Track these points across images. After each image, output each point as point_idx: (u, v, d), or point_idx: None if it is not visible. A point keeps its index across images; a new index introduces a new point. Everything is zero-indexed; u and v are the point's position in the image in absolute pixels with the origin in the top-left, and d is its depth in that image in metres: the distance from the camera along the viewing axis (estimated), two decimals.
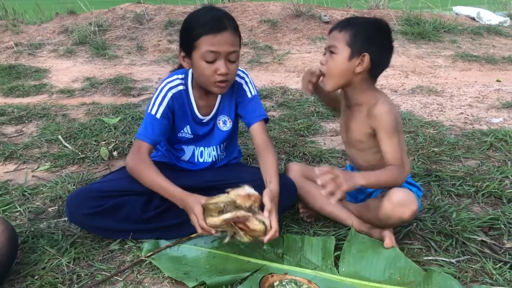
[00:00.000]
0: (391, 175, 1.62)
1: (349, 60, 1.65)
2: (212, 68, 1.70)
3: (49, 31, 7.01)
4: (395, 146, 1.64)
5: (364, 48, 1.64)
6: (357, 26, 1.65)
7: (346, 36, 1.64)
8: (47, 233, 1.87)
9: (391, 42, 1.70)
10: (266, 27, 6.50)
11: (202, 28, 1.67)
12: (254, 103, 1.92)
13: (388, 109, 1.66)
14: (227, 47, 1.68)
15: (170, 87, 1.86)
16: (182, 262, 1.69)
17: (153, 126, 1.83)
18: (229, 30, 1.68)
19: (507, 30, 6.81)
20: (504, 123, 3.23)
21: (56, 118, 3.47)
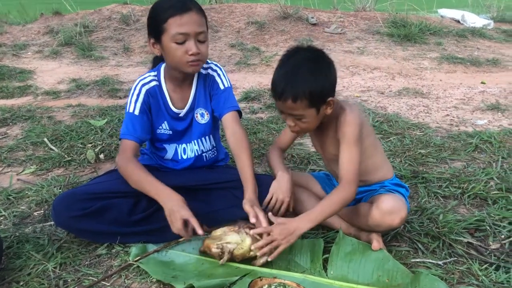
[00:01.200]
0: (338, 201, 1.62)
1: (318, 113, 1.63)
2: (183, 49, 1.72)
3: (33, 31, 6.92)
4: (352, 159, 1.64)
5: (325, 96, 1.60)
6: (304, 85, 1.56)
7: (303, 103, 1.58)
8: (32, 238, 1.84)
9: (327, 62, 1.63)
10: (254, 29, 6.50)
11: (168, 11, 1.70)
12: (226, 94, 1.93)
13: (351, 118, 1.64)
14: (195, 27, 1.72)
15: (143, 83, 1.89)
16: (170, 267, 1.68)
17: (133, 123, 1.84)
18: (195, 11, 1.72)
19: (490, 32, 6.90)
20: (489, 124, 3.27)
21: (41, 120, 3.43)
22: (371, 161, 1.78)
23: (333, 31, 6.47)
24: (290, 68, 1.59)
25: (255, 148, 2.81)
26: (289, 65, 1.60)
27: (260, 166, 2.59)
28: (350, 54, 5.66)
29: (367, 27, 6.73)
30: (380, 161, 1.83)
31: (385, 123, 3.23)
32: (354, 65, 5.19)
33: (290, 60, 1.61)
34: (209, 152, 2.03)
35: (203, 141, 2.00)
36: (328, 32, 6.47)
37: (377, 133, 3.04)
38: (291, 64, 1.60)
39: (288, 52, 1.65)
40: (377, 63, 5.27)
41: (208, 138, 2.01)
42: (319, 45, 6.02)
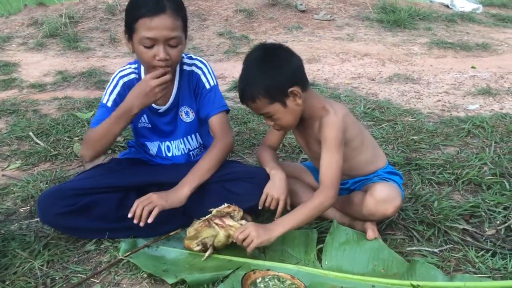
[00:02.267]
0: (316, 207, 1.59)
1: (286, 106, 1.60)
2: (150, 53, 1.64)
3: (17, 23, 6.77)
4: (331, 165, 1.60)
5: (285, 88, 1.57)
6: (256, 84, 1.56)
7: (263, 101, 1.57)
8: (18, 235, 1.79)
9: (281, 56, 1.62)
10: (242, 17, 6.42)
11: (140, 9, 1.60)
12: (212, 94, 1.86)
13: (332, 123, 1.61)
14: (165, 32, 1.61)
15: (121, 75, 1.83)
16: (161, 261, 1.64)
17: (103, 115, 1.77)
18: (168, 13, 1.60)
19: (479, 17, 6.88)
20: (481, 109, 3.25)
21: (26, 114, 3.35)
22: (362, 157, 1.76)
23: (322, 18, 6.41)
24: (244, 71, 1.62)
25: (246, 138, 2.77)
26: (243, 69, 1.62)
27: (251, 156, 2.55)
28: (340, 40, 5.61)
29: (356, 13, 6.68)
30: (371, 155, 1.80)
31: (377, 110, 3.19)
32: (344, 51, 5.14)
33: (245, 63, 1.63)
34: (196, 150, 1.98)
35: (189, 139, 1.95)
36: (317, 19, 6.41)
37: (369, 120, 3.01)
38: (245, 67, 1.62)
39: (246, 55, 1.66)
40: (367, 49, 5.23)
41: (195, 136, 1.96)
42: (309, 32, 5.97)
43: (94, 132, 1.74)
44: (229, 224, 1.62)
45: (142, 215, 1.63)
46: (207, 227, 1.62)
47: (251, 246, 1.53)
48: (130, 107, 1.66)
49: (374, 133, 2.76)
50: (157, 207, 1.64)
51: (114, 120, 1.69)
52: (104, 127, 1.71)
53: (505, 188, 2.05)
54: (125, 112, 1.67)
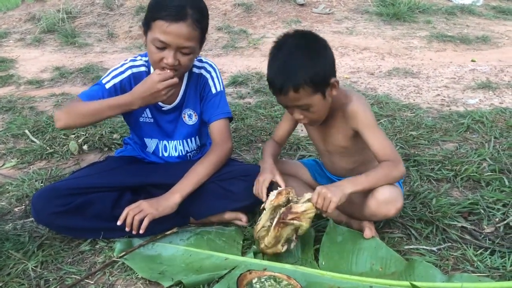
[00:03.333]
0: (383, 174, 1.56)
1: (324, 98, 1.56)
2: (160, 55, 1.62)
3: (15, 19, 6.74)
4: (382, 140, 1.59)
5: (327, 79, 1.54)
6: (302, 72, 1.48)
7: (306, 91, 1.51)
8: (12, 236, 1.77)
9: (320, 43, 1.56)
10: (241, 11, 6.37)
11: (161, 11, 1.57)
12: (217, 99, 1.84)
13: (364, 104, 1.61)
14: (180, 41, 1.59)
15: (131, 65, 1.80)
16: (157, 261, 1.62)
17: (97, 92, 1.73)
18: (188, 22, 1.58)
19: (480, 9, 6.83)
20: (480, 104, 3.22)
21: (23, 111, 3.33)
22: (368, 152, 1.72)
23: (321, 11, 6.36)
24: (283, 60, 1.51)
25: (243, 135, 2.75)
26: (282, 57, 1.52)
27: (249, 153, 2.52)
28: (339, 34, 5.57)
29: (355, 6, 6.63)
30: None
31: (376, 105, 3.17)
32: (343, 45, 5.10)
33: (281, 51, 1.53)
34: (193, 151, 1.97)
35: (188, 142, 1.93)
36: (316, 13, 6.37)
37: None
38: (284, 55, 1.51)
39: (276, 43, 1.57)
40: (367, 43, 5.19)
41: (194, 139, 1.94)
42: (307, 26, 5.92)
43: (84, 106, 1.68)
44: (303, 210, 1.53)
45: (134, 224, 1.61)
46: (284, 227, 1.54)
47: (331, 207, 1.47)
48: (131, 102, 1.64)
49: None
50: (147, 216, 1.62)
51: (110, 106, 1.66)
52: (96, 107, 1.66)
53: (504, 184, 2.03)
54: (125, 104, 1.65)
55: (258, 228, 1.57)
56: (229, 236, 1.74)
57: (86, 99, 1.71)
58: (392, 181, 1.59)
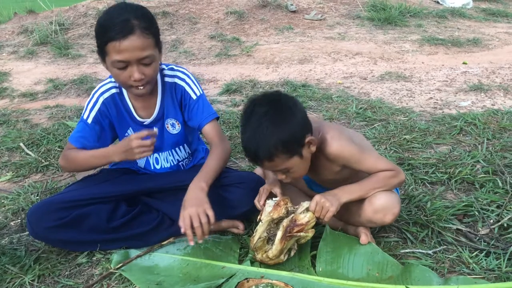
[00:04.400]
0: (378, 182, 1.58)
1: (302, 157, 1.54)
2: (125, 74, 1.62)
3: (7, 32, 6.74)
4: (372, 164, 1.59)
5: (301, 139, 1.51)
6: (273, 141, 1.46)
7: (281, 157, 1.49)
8: (9, 250, 1.77)
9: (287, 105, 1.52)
10: (233, 19, 6.40)
11: (108, 33, 1.56)
12: (200, 104, 1.83)
13: (340, 144, 1.56)
14: (136, 53, 1.58)
15: (101, 91, 1.80)
16: (154, 272, 1.62)
17: (83, 131, 1.78)
18: (137, 33, 1.56)
19: (470, 12, 6.90)
20: (472, 106, 3.25)
21: (17, 124, 3.32)
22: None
23: (313, 18, 6.40)
24: (253, 130, 1.48)
25: (238, 143, 2.75)
26: (251, 127, 1.49)
27: (244, 161, 2.53)
28: (331, 40, 5.61)
29: (347, 12, 6.68)
30: None
31: (369, 109, 3.19)
32: (335, 51, 5.13)
33: (250, 120, 1.51)
34: (185, 160, 1.97)
35: (177, 151, 1.93)
36: (308, 19, 6.40)
37: (361, 121, 3.00)
38: (253, 125, 1.49)
39: (245, 111, 1.54)
40: (359, 48, 5.22)
41: (183, 147, 1.94)
42: (300, 32, 5.96)
43: (75, 157, 1.75)
44: (307, 221, 1.55)
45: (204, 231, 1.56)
46: (289, 239, 1.56)
47: (328, 216, 1.52)
48: (110, 156, 1.69)
49: (366, 133, 2.76)
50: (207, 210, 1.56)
51: (94, 158, 1.73)
52: (85, 158, 1.74)
53: (498, 186, 2.04)
54: (105, 158, 1.72)
55: (255, 239, 1.57)
56: (226, 245, 1.75)
57: (75, 142, 1.77)
58: (389, 187, 1.60)
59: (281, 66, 4.73)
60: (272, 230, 1.59)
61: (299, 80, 4.13)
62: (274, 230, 1.58)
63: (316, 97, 3.55)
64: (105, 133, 1.82)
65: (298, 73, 4.42)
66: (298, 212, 1.57)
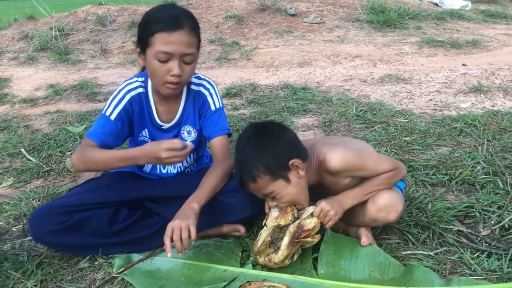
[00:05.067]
0: (379, 184, 1.60)
1: (289, 182, 1.54)
2: (165, 68, 1.62)
3: (8, 38, 6.77)
4: (373, 167, 1.60)
5: (285, 162, 1.53)
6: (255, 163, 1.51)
7: (264, 179, 1.52)
8: (11, 255, 1.77)
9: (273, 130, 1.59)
10: (232, 23, 6.43)
11: (157, 24, 1.59)
12: (217, 116, 1.83)
13: (337, 156, 1.56)
14: (182, 48, 1.60)
15: (129, 89, 1.78)
16: (156, 276, 1.62)
17: (104, 127, 1.73)
18: (186, 30, 1.60)
19: (469, 13, 6.92)
20: (472, 107, 3.26)
21: (18, 130, 3.33)
22: None
23: (312, 21, 6.42)
24: (238, 153, 1.57)
25: None
26: (237, 151, 1.58)
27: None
28: (331, 43, 5.62)
29: (346, 15, 6.70)
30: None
31: (369, 112, 3.20)
32: (335, 54, 5.15)
33: (238, 145, 1.59)
34: (191, 166, 1.97)
35: (187, 158, 1.92)
36: (308, 22, 6.42)
37: (361, 123, 3.01)
38: (239, 149, 1.57)
39: (237, 139, 1.62)
40: (358, 51, 5.24)
41: (193, 154, 1.94)
42: (299, 35, 5.97)
43: (96, 156, 1.66)
44: (313, 226, 1.56)
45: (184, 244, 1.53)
46: (296, 245, 1.57)
47: (331, 224, 1.57)
48: (137, 158, 1.63)
49: (366, 135, 2.76)
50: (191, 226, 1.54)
51: (118, 159, 1.66)
52: (106, 159, 1.66)
53: (499, 187, 2.05)
54: (131, 159, 1.65)
55: (259, 243, 1.57)
56: (228, 248, 1.75)
57: (95, 138, 1.70)
58: (391, 185, 1.63)
59: (281, 69, 4.74)
60: (276, 234, 1.59)
61: (299, 83, 4.15)
62: (278, 234, 1.59)
63: (316, 100, 3.56)
64: (124, 132, 1.80)
65: (298, 76, 4.43)
66: (303, 217, 1.58)
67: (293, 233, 1.55)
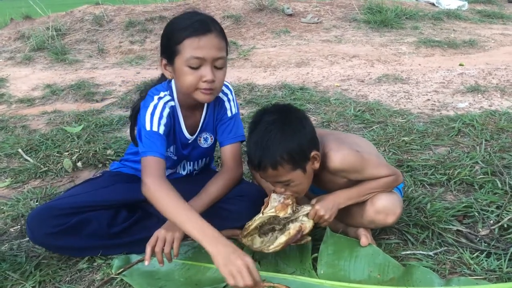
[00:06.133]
0: (376, 186, 1.59)
1: (305, 172, 1.53)
2: (197, 75, 1.55)
3: (4, 38, 6.74)
4: (373, 172, 1.59)
5: (306, 154, 1.51)
6: (279, 149, 1.45)
7: (285, 168, 1.47)
8: (9, 256, 1.76)
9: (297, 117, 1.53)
10: (230, 23, 6.42)
11: (185, 30, 1.53)
12: (232, 122, 1.79)
13: (341, 156, 1.55)
14: (213, 52, 1.54)
15: (165, 101, 1.68)
16: (155, 276, 1.62)
17: (160, 141, 1.61)
18: (215, 33, 1.55)
19: (465, 14, 6.94)
20: (470, 107, 3.26)
21: (15, 130, 3.32)
22: None
23: (309, 21, 6.43)
24: (260, 136, 1.48)
25: None
26: (259, 133, 1.49)
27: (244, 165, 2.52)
28: (328, 43, 5.63)
29: (343, 14, 6.70)
30: None
31: (367, 112, 3.20)
32: (332, 54, 5.15)
33: (258, 127, 1.50)
34: (200, 169, 1.95)
35: (199, 162, 1.90)
36: (305, 22, 6.43)
37: (359, 123, 3.01)
38: (260, 131, 1.49)
39: (254, 118, 1.55)
40: (356, 50, 5.24)
41: (205, 159, 1.92)
42: (296, 35, 5.98)
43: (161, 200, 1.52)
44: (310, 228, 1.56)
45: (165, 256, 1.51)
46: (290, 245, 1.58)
47: (325, 225, 1.59)
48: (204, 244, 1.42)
49: (365, 135, 2.76)
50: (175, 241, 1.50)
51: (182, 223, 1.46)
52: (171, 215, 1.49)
53: (497, 186, 2.05)
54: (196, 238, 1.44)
55: (250, 228, 1.57)
56: None
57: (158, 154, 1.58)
58: (387, 189, 1.62)
59: (279, 69, 4.74)
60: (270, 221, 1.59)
61: (297, 83, 4.14)
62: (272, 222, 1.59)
63: (314, 100, 3.56)
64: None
65: (295, 76, 4.43)
66: (300, 215, 1.58)
67: (292, 236, 1.55)
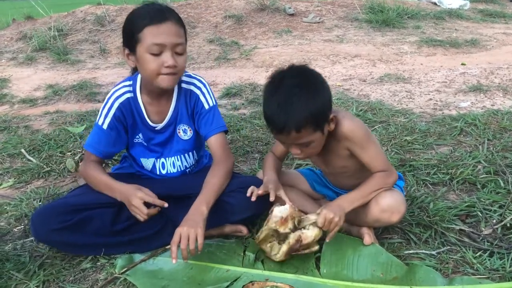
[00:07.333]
0: (376, 185, 1.60)
1: (323, 133, 1.55)
2: (159, 61, 1.63)
3: (6, 38, 6.75)
4: (373, 154, 1.61)
5: (327, 115, 1.52)
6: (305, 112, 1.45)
7: (308, 130, 1.49)
8: (13, 256, 1.76)
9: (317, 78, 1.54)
10: (231, 23, 6.42)
11: (144, 20, 1.62)
12: (211, 114, 1.83)
13: (352, 123, 1.59)
14: (173, 38, 1.63)
15: (116, 96, 1.80)
16: (159, 276, 1.62)
17: (99, 137, 1.80)
18: (173, 21, 1.64)
19: (467, 13, 6.93)
20: (472, 106, 3.26)
21: (18, 130, 3.33)
22: None
23: (311, 21, 6.42)
24: (284, 98, 1.46)
25: (239, 146, 2.76)
26: (281, 95, 1.47)
27: (246, 164, 2.54)
28: (330, 42, 5.62)
29: (345, 14, 6.70)
30: None
31: (369, 111, 3.20)
32: (334, 53, 5.15)
33: (280, 89, 1.49)
34: (192, 166, 1.97)
35: (186, 157, 1.92)
36: (307, 22, 6.42)
37: None
38: (283, 94, 1.47)
39: (272, 80, 1.54)
40: (357, 50, 5.24)
41: (192, 154, 1.94)
42: (298, 35, 5.97)
43: (91, 177, 1.81)
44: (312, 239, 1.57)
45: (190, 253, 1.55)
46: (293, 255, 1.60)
47: (336, 230, 1.55)
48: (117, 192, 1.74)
49: None
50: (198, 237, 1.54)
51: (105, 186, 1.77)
52: (97, 182, 1.79)
53: (500, 186, 2.05)
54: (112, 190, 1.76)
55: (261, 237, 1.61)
56: (230, 248, 1.75)
57: (93, 150, 1.81)
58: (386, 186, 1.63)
59: None
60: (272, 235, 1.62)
61: None
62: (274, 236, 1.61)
63: None
64: (121, 138, 1.84)
65: None
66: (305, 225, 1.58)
67: (291, 246, 1.56)
